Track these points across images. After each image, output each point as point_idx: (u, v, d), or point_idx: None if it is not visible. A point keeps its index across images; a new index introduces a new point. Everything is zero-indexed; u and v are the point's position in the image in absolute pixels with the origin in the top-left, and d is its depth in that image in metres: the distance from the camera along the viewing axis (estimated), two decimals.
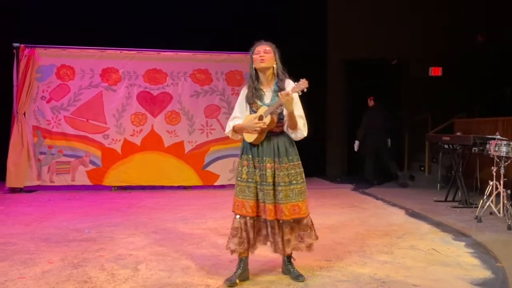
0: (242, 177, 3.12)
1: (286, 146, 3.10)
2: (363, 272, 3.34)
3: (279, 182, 3.03)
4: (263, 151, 3.07)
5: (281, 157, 3.06)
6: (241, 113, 3.19)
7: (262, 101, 3.10)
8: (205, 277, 3.23)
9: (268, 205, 3.02)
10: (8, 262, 3.53)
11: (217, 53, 7.92)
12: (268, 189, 3.02)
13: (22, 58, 7.24)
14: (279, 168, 3.04)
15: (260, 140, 3.07)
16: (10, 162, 7.17)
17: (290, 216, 3.03)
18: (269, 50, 3.10)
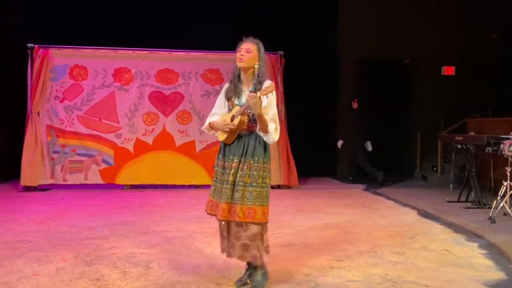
0: (217, 177, 3.05)
1: (255, 146, 2.96)
2: (375, 273, 3.32)
3: (238, 182, 2.90)
4: (233, 151, 2.98)
5: (247, 156, 2.93)
6: (220, 109, 3.13)
7: (239, 100, 3.02)
8: (216, 276, 3.25)
9: (222, 203, 2.89)
10: (22, 259, 3.59)
11: (229, 53, 7.88)
12: (226, 188, 2.90)
13: (36, 58, 7.34)
14: (242, 168, 2.92)
15: (231, 139, 2.99)
16: (24, 161, 7.27)
17: (243, 218, 2.85)
18: (252, 49, 2.96)
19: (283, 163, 7.72)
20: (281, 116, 7.78)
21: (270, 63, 7.78)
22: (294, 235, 4.44)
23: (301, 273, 3.30)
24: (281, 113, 7.79)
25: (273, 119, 2.93)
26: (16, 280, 3.12)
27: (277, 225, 4.87)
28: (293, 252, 3.83)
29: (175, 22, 8.54)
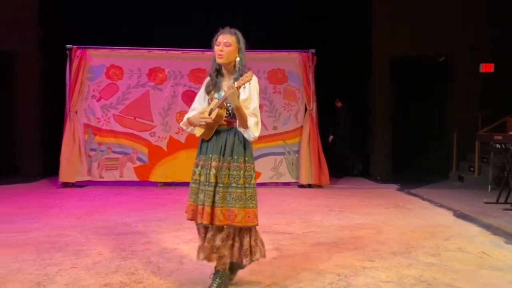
0: (194, 178, 2.87)
1: (234, 143, 2.78)
2: (408, 274, 3.26)
3: (219, 183, 2.72)
4: (211, 148, 2.79)
5: (226, 155, 2.76)
6: (199, 104, 2.96)
7: (218, 94, 2.87)
8: (248, 273, 3.26)
9: (207, 207, 2.70)
10: (61, 253, 3.72)
11: (260, 52, 7.94)
12: (210, 190, 2.71)
13: (74, 59, 7.58)
14: (221, 167, 2.74)
15: (208, 135, 2.81)
16: (63, 158, 7.53)
17: (224, 221, 2.69)
18: (230, 42, 2.79)
19: (314, 162, 7.67)
20: (312, 115, 7.74)
21: (302, 61, 7.75)
22: (325, 235, 4.41)
23: (333, 272, 3.28)
24: (312, 111, 7.75)
25: (253, 113, 2.78)
26: (56, 272, 3.24)
27: (308, 224, 4.86)
28: (324, 252, 3.80)
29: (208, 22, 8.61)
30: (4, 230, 4.49)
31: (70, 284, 3.00)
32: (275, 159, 7.90)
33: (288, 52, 7.91)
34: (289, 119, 7.93)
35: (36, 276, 3.15)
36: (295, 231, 4.55)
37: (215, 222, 2.70)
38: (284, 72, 7.92)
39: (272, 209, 5.74)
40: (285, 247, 3.93)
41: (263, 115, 7.89)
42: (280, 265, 3.43)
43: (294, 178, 7.92)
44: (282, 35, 8.52)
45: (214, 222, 2.71)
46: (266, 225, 4.78)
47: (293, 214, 5.43)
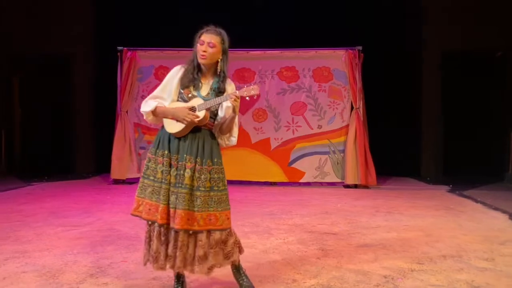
0: (156, 177, 2.65)
1: (212, 147, 2.70)
2: (459, 278, 3.13)
3: (199, 186, 2.60)
4: (185, 148, 2.64)
5: (205, 157, 2.64)
6: (168, 94, 2.75)
7: (198, 92, 2.70)
8: (291, 272, 3.26)
9: (180, 211, 2.55)
10: (113, 247, 3.88)
11: (305, 50, 7.92)
12: (184, 192, 2.57)
13: (125, 60, 7.87)
14: (200, 170, 2.62)
15: (184, 133, 2.65)
16: (114, 156, 7.85)
17: (204, 226, 2.59)
18: (215, 43, 2.67)
19: (361, 162, 7.53)
20: (358, 114, 7.60)
21: (348, 58, 7.64)
22: (372, 236, 4.32)
23: (379, 274, 3.21)
24: (359, 110, 7.61)
25: (236, 123, 2.75)
26: (107, 265, 3.39)
27: (354, 225, 4.78)
28: (370, 253, 3.73)
29: (251, 22, 8.68)
30: (61, 224, 4.75)
31: (120, 277, 3.13)
32: (320, 158, 7.84)
33: (334, 49, 7.82)
34: (335, 118, 7.83)
35: (89, 268, 3.30)
36: (340, 231, 4.50)
37: (193, 227, 2.58)
38: (330, 70, 7.83)
39: (316, 209, 5.70)
40: (330, 248, 3.89)
41: (307, 114, 7.88)
42: (324, 266, 3.40)
43: (339, 178, 7.82)
44: (327, 32, 8.42)
45: (192, 226, 2.58)
46: (310, 225, 4.76)
47: (338, 214, 5.37)
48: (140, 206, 2.69)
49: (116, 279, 3.09)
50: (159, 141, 2.73)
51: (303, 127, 7.88)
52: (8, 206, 5.75)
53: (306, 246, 3.93)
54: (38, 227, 4.57)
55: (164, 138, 2.71)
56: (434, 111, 9.07)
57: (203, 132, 2.70)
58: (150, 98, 2.78)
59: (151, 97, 2.78)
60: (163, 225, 2.61)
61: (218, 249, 2.65)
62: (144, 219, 2.68)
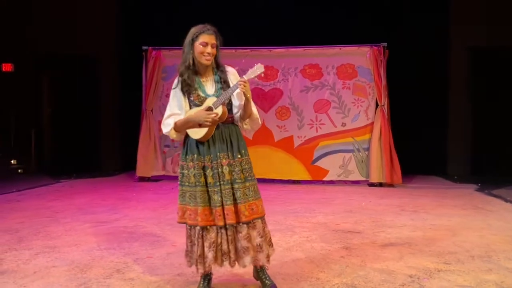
0: (190, 182, 2.70)
1: (238, 139, 2.76)
2: (488, 279, 3.05)
3: (236, 179, 2.67)
4: (216, 147, 2.69)
5: (234, 151, 2.71)
6: (180, 108, 2.75)
7: (203, 92, 2.74)
8: (315, 270, 3.25)
9: (228, 207, 2.63)
10: (139, 243, 3.96)
11: (329, 47, 7.85)
12: (227, 188, 2.65)
13: (150, 60, 7.99)
14: (233, 164, 2.69)
15: (209, 135, 2.68)
16: (139, 154, 7.98)
17: (250, 216, 2.66)
18: (216, 43, 2.74)
19: (386, 160, 7.42)
20: (383, 111, 7.50)
21: (373, 55, 7.54)
22: (397, 235, 4.26)
23: (405, 273, 3.16)
24: (383, 107, 7.51)
25: (252, 104, 2.79)
26: (133, 261, 3.45)
27: (378, 224, 4.72)
28: (396, 252, 3.68)
29: (274, 20, 8.66)
30: (88, 220, 4.87)
31: (146, 273, 3.19)
32: (344, 156, 7.77)
33: (359, 46, 7.73)
34: (359, 115, 7.75)
35: (116, 264, 3.37)
36: (364, 230, 4.45)
37: (241, 220, 2.66)
38: (354, 67, 7.74)
39: (340, 207, 5.66)
40: (354, 246, 3.85)
41: (331, 112, 7.81)
42: (348, 264, 3.37)
43: (363, 176, 7.73)
44: (351, 28, 8.33)
45: (240, 219, 2.66)
46: (334, 223, 4.73)
47: (363, 213, 5.31)
48: (185, 213, 2.74)
49: (142, 275, 3.14)
50: (187, 147, 2.76)
51: (327, 125, 7.82)
52: (39, 202, 5.93)
53: (330, 244, 3.91)
54: (67, 223, 4.69)
55: (191, 144, 2.75)
56: (462, 108, 8.84)
57: (227, 127, 2.75)
58: (165, 119, 2.81)
59: (166, 118, 2.81)
60: (205, 227, 2.67)
61: (262, 239, 2.73)
62: (189, 225, 2.74)
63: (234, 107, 2.81)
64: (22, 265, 3.35)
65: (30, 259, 3.48)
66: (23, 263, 3.40)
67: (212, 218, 2.66)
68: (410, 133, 8.54)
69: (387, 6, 8.62)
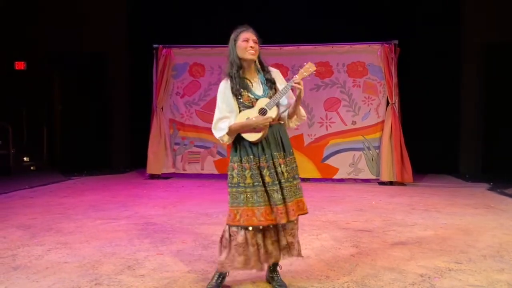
0: (246, 182, 2.70)
1: (287, 138, 2.84)
2: (500, 279, 3.02)
3: (288, 178, 2.75)
4: (270, 147, 2.73)
5: (285, 150, 2.78)
6: (230, 111, 2.77)
7: (253, 94, 2.75)
8: (325, 268, 3.25)
9: (290, 204, 2.70)
10: (149, 240, 3.98)
11: (339, 45, 7.81)
12: (288, 185, 2.72)
13: (160, 58, 8.02)
14: (286, 163, 2.76)
15: (264, 136, 2.72)
16: (150, 151, 8.03)
17: (297, 213, 2.76)
18: (256, 39, 2.80)
19: (396, 158, 7.38)
20: (394, 109, 7.45)
21: (384, 53, 7.48)
22: (408, 234, 4.23)
23: (415, 273, 3.14)
24: (394, 105, 7.45)
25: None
26: (144, 257, 3.48)
27: (389, 223, 4.70)
28: (406, 251, 3.65)
29: (284, 17, 8.63)
30: (100, 217, 4.91)
31: (156, 270, 3.21)
32: (354, 154, 7.73)
33: (369, 44, 7.67)
34: (369, 114, 7.70)
35: (127, 260, 3.40)
36: (375, 229, 4.43)
37: (293, 217, 2.73)
38: (365, 65, 7.70)
39: (350, 205, 5.64)
40: (364, 245, 3.84)
41: (341, 110, 7.78)
42: (358, 263, 3.36)
43: (374, 175, 7.69)
44: (362, 26, 8.28)
45: (292, 217, 2.72)
46: (344, 222, 4.71)
47: (373, 211, 5.29)
48: (237, 215, 2.70)
49: (152, 271, 3.16)
50: (240, 150, 2.76)
51: (337, 123, 7.79)
52: (50, 199, 6.00)
53: (340, 243, 3.90)
54: (78, 220, 4.74)
55: (245, 145, 2.75)
56: (473, 106, 8.75)
57: (277, 127, 2.80)
58: (216, 122, 2.81)
59: (217, 121, 2.80)
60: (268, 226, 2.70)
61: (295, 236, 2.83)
62: (244, 226, 2.69)
63: (281, 106, 2.86)
64: (35, 260, 3.39)
65: (42, 255, 3.52)
66: (36, 258, 3.44)
67: (273, 217, 2.68)
68: (421, 131, 8.47)
69: (398, 3, 8.55)
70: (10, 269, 3.21)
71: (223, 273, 2.86)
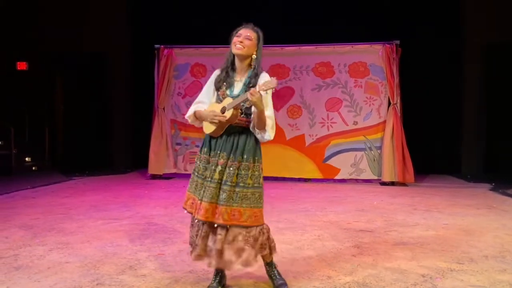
0: (199, 173, 2.77)
1: (246, 143, 2.72)
2: (502, 279, 3.01)
3: (226, 180, 2.64)
4: (221, 146, 2.72)
5: (236, 154, 2.69)
6: (207, 98, 2.86)
7: (230, 91, 2.77)
8: (326, 268, 3.24)
9: (204, 203, 2.63)
10: (150, 240, 3.98)
11: (341, 45, 7.81)
12: (211, 186, 2.65)
13: (162, 58, 8.03)
14: (229, 165, 2.67)
15: (218, 133, 2.72)
16: (151, 151, 8.04)
17: (229, 221, 2.61)
18: (252, 36, 2.73)
19: (398, 158, 7.37)
20: (395, 109, 7.44)
21: (385, 53, 7.48)
22: (409, 234, 4.23)
23: (417, 273, 3.13)
24: (396, 106, 7.45)
25: (269, 116, 2.68)
26: (145, 258, 3.48)
27: (390, 223, 4.69)
28: (407, 251, 3.65)
29: (285, 17, 8.63)
30: (101, 217, 4.92)
31: (158, 270, 3.21)
32: (355, 155, 7.73)
33: (371, 44, 7.67)
34: (371, 114, 7.70)
35: (128, 260, 3.40)
36: (376, 229, 4.42)
37: (218, 221, 2.62)
38: (366, 65, 7.70)
39: (352, 206, 5.64)
40: (366, 245, 3.83)
41: (343, 110, 7.78)
42: (360, 263, 3.36)
43: (375, 175, 7.69)
44: (363, 26, 8.28)
45: (217, 220, 2.63)
46: (345, 222, 4.71)
47: (375, 212, 5.28)
48: (188, 200, 2.80)
49: (154, 271, 3.16)
50: (204, 140, 2.85)
51: (338, 123, 7.79)
52: (52, 199, 6.01)
53: (341, 243, 3.89)
54: (80, 220, 4.75)
55: (207, 138, 2.83)
56: (475, 106, 8.74)
57: (239, 131, 2.74)
58: (194, 103, 2.91)
59: (195, 103, 2.91)
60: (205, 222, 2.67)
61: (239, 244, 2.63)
62: (189, 213, 2.80)
63: (253, 113, 2.74)
64: (36, 260, 3.40)
65: (44, 255, 3.52)
66: (37, 258, 3.44)
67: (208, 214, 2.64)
68: (423, 132, 8.46)
69: (400, 3, 8.54)
70: (12, 269, 3.21)
71: (221, 272, 2.85)
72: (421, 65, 8.45)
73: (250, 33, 2.75)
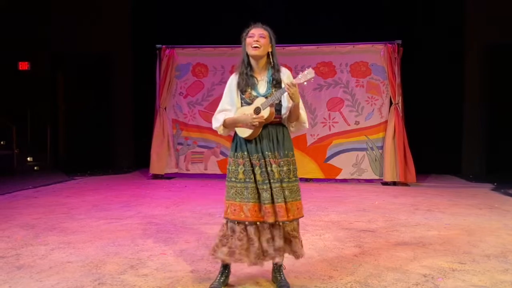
0: (238, 178, 2.76)
1: (284, 139, 2.79)
2: (504, 279, 3.01)
3: (283, 178, 2.72)
4: (263, 146, 2.74)
5: (280, 150, 2.75)
6: (231, 104, 2.85)
7: (256, 91, 2.77)
8: (328, 268, 3.24)
9: (279, 204, 2.67)
10: (152, 239, 3.99)
11: (342, 45, 7.80)
12: (277, 186, 2.68)
13: (163, 58, 8.03)
14: (280, 163, 2.73)
15: (256, 135, 2.73)
16: (153, 151, 8.04)
17: (296, 215, 2.74)
18: (265, 34, 2.75)
19: (400, 158, 7.36)
20: (397, 109, 7.43)
21: (387, 53, 7.47)
22: (411, 234, 4.22)
23: (419, 273, 3.13)
24: (397, 105, 7.44)
25: (301, 107, 2.78)
26: (147, 257, 3.48)
27: (392, 223, 4.69)
28: (409, 251, 3.65)
29: (286, 17, 8.63)
30: (103, 216, 4.92)
31: (160, 269, 3.21)
32: (357, 155, 7.72)
33: (373, 43, 7.66)
34: (373, 114, 7.69)
35: (130, 260, 3.41)
36: (378, 229, 4.42)
37: (289, 218, 2.71)
38: (368, 65, 7.68)
39: (353, 206, 5.63)
40: (367, 245, 3.83)
41: (344, 110, 7.78)
42: (361, 263, 3.35)
43: (377, 175, 7.68)
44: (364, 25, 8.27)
45: (289, 217, 2.71)
46: (347, 222, 4.71)
47: (376, 211, 5.28)
48: (228, 208, 2.77)
49: (155, 271, 3.17)
50: (236, 145, 2.82)
51: (340, 123, 7.78)
52: (54, 199, 6.02)
53: (343, 243, 3.89)
54: (81, 220, 4.75)
55: (241, 141, 2.81)
56: (477, 106, 8.73)
57: (274, 127, 2.78)
58: (217, 113, 2.90)
59: (218, 112, 2.90)
60: (253, 222, 2.70)
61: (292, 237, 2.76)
62: (231, 220, 2.75)
63: (283, 108, 2.82)
64: (38, 260, 3.41)
65: (46, 255, 3.53)
66: (39, 258, 3.45)
67: (261, 215, 2.69)
68: (424, 132, 8.44)
69: (401, 3, 8.53)
70: (14, 268, 3.22)
71: (226, 271, 2.87)
72: (423, 65, 8.44)
73: (262, 32, 2.76)
